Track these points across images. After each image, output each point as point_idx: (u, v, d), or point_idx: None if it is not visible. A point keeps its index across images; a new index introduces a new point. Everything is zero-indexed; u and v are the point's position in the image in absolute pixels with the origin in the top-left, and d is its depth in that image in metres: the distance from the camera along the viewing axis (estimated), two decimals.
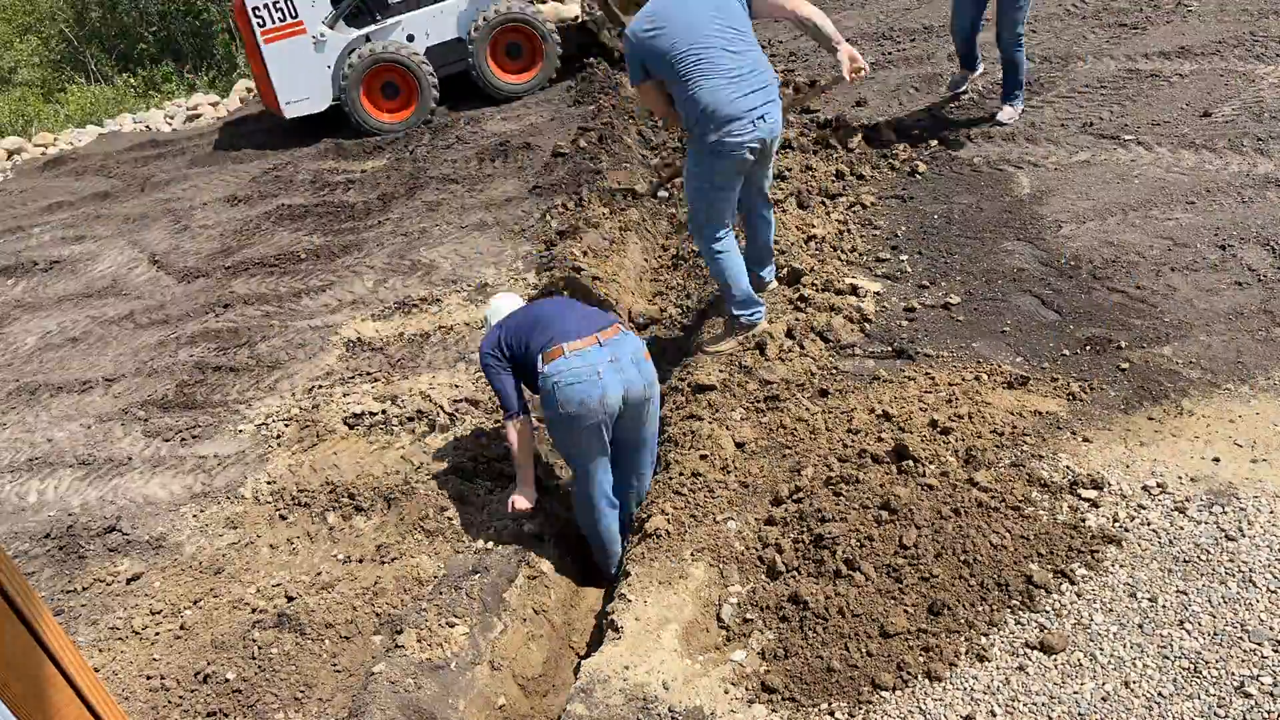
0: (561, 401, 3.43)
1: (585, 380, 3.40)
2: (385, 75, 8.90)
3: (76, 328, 6.50)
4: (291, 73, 8.76)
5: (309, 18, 8.62)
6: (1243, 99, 6.06)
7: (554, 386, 3.43)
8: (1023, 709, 2.65)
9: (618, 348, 3.51)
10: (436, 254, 6.48)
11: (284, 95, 8.81)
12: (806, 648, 2.95)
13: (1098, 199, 5.32)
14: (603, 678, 3.00)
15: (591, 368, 3.41)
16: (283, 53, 8.65)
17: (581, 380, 3.40)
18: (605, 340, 3.49)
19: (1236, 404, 3.60)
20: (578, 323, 3.56)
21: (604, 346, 3.47)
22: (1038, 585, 2.97)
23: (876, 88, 7.62)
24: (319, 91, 8.92)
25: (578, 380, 3.40)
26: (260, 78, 8.89)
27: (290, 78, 8.79)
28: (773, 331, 4.47)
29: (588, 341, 3.46)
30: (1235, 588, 2.85)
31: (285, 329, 5.89)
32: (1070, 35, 7.87)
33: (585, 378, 3.40)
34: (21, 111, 13.19)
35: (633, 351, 3.56)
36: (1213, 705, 2.54)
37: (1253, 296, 4.22)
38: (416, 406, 4.65)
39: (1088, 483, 3.33)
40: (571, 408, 3.42)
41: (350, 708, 3.09)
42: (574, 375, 3.40)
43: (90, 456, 4.91)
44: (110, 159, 10.33)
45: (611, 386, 3.44)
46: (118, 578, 3.97)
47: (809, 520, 3.33)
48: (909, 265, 5.06)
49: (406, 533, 3.89)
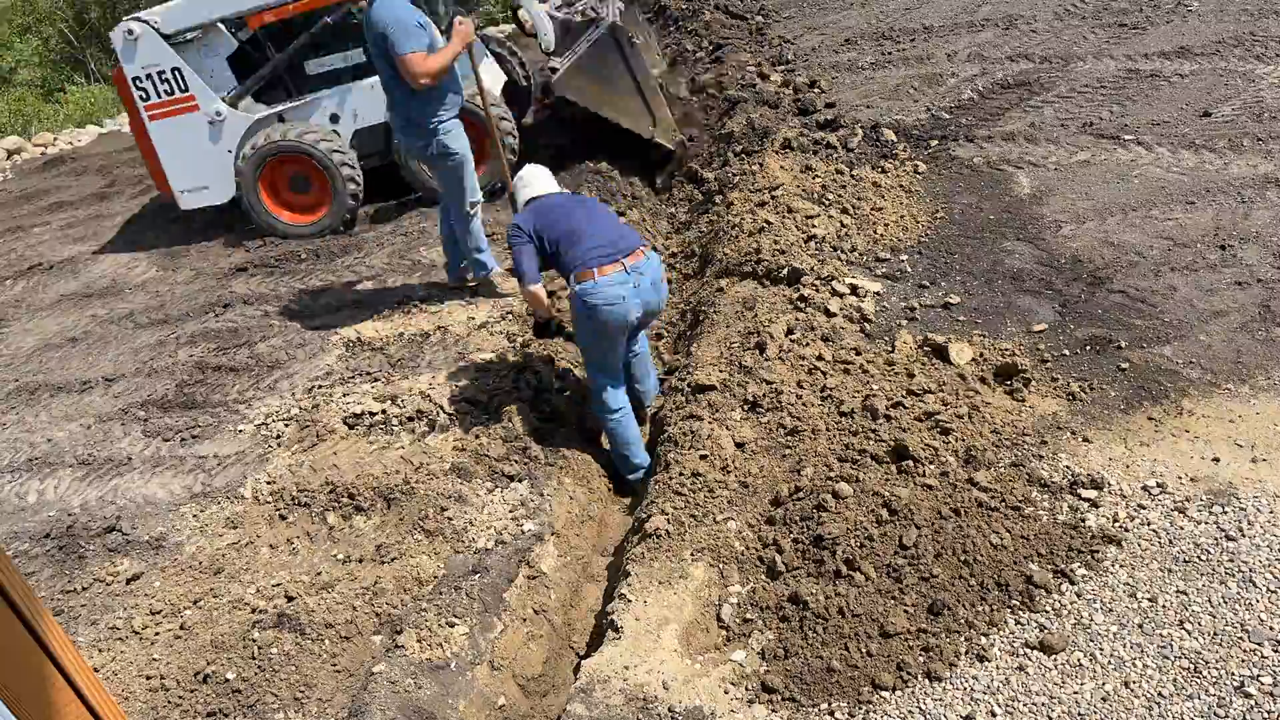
0: (590, 315, 3.95)
1: (613, 302, 3.91)
2: (292, 166, 7.05)
3: (76, 328, 6.50)
4: (183, 157, 7.10)
5: (202, 93, 6.92)
6: (1243, 99, 6.06)
7: (584, 303, 3.94)
8: (1023, 709, 2.65)
9: (641, 272, 3.97)
10: (436, 254, 6.48)
11: (176, 183, 7.18)
12: (806, 648, 2.95)
13: (1098, 199, 5.32)
14: (603, 678, 3.00)
15: (618, 292, 3.91)
16: (171, 133, 6.99)
17: (610, 302, 3.91)
18: (631, 265, 3.95)
19: (1236, 404, 3.60)
20: (607, 240, 3.98)
21: (629, 272, 3.94)
22: (1038, 585, 2.97)
23: (876, 88, 7.62)
24: (220, 180, 7.18)
25: (605, 302, 3.91)
26: (148, 159, 7.26)
27: (182, 162, 7.12)
28: (773, 331, 4.47)
29: (616, 266, 3.92)
30: (1235, 588, 2.85)
31: (285, 329, 5.89)
32: (1070, 35, 7.88)
33: (613, 300, 3.91)
34: (21, 111, 13.19)
35: (653, 274, 4.05)
36: (1213, 705, 2.54)
37: (1253, 296, 4.22)
38: (416, 406, 4.65)
39: (1088, 483, 3.33)
40: (598, 322, 3.96)
41: (350, 708, 3.09)
42: (603, 297, 3.90)
43: (90, 456, 4.91)
44: (110, 159, 10.34)
45: (634, 308, 3.98)
46: (117, 578, 3.96)
47: (809, 520, 3.33)
48: (909, 265, 5.06)
49: (406, 533, 3.89)
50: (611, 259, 3.93)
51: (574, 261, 3.95)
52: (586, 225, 4.04)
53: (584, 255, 3.94)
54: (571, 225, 4.04)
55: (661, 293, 4.14)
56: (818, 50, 8.87)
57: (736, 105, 7.36)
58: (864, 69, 8.12)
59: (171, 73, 6.82)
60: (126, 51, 6.74)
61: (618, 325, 3.98)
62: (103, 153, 10.63)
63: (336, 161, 6.91)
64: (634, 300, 3.96)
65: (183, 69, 6.82)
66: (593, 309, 3.92)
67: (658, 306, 4.18)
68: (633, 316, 3.99)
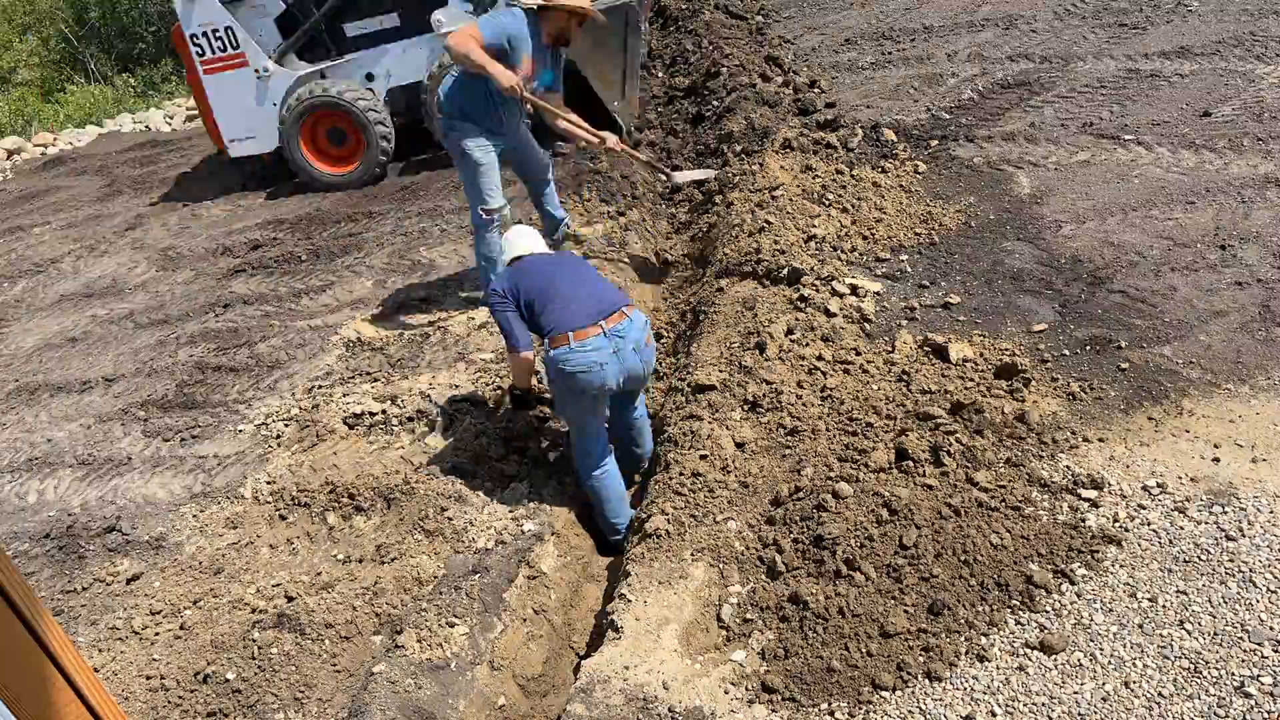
0: (565, 380, 3.71)
1: (588, 369, 3.65)
2: (330, 120, 7.98)
3: (76, 328, 6.50)
4: (235, 108, 7.99)
5: (251, 50, 7.78)
6: (1243, 99, 6.06)
7: (559, 370, 3.69)
8: (1023, 709, 2.65)
9: (622, 336, 3.71)
10: (436, 254, 6.48)
11: (227, 132, 8.11)
12: (806, 648, 2.95)
13: (1098, 199, 5.32)
14: (603, 678, 3.00)
15: (594, 359, 3.64)
16: (224, 86, 7.88)
17: (584, 370, 3.65)
18: (610, 329, 3.68)
19: (1236, 404, 3.60)
20: (586, 301, 3.75)
21: (608, 336, 3.67)
22: (1038, 585, 2.96)
23: (876, 88, 7.62)
24: (265, 131, 8.09)
25: (580, 369, 3.65)
26: (203, 110, 8.18)
27: (233, 113, 8.01)
28: (773, 332, 4.47)
29: (593, 331, 3.66)
30: (1235, 588, 2.85)
31: (285, 329, 5.89)
32: (1070, 35, 7.88)
33: (588, 367, 3.65)
34: (21, 111, 13.19)
35: (636, 338, 3.76)
36: (1213, 705, 2.54)
37: (1253, 296, 4.22)
38: (416, 406, 4.65)
39: (1088, 483, 3.33)
40: (575, 390, 3.72)
41: (350, 708, 3.09)
42: (577, 365, 3.65)
43: (90, 456, 4.91)
44: (110, 159, 10.34)
45: (612, 375, 3.70)
46: (117, 578, 3.97)
47: (809, 520, 3.33)
48: (909, 265, 5.06)
49: (406, 533, 3.89)
50: (590, 321, 3.66)
51: (549, 324, 3.71)
52: (565, 285, 3.80)
53: (559, 318, 3.69)
54: (549, 284, 3.80)
55: (646, 356, 3.84)
56: (818, 50, 8.87)
57: (736, 105, 7.37)
58: (864, 69, 8.12)
59: (224, 31, 7.67)
60: (185, 11, 7.61)
61: (595, 392, 3.71)
62: (103, 153, 10.63)
63: (371, 119, 7.76)
64: (613, 367, 3.67)
65: (235, 28, 7.66)
66: (569, 376, 3.66)
67: (642, 372, 3.86)
68: (611, 383, 3.71)
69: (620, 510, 4.05)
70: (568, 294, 3.76)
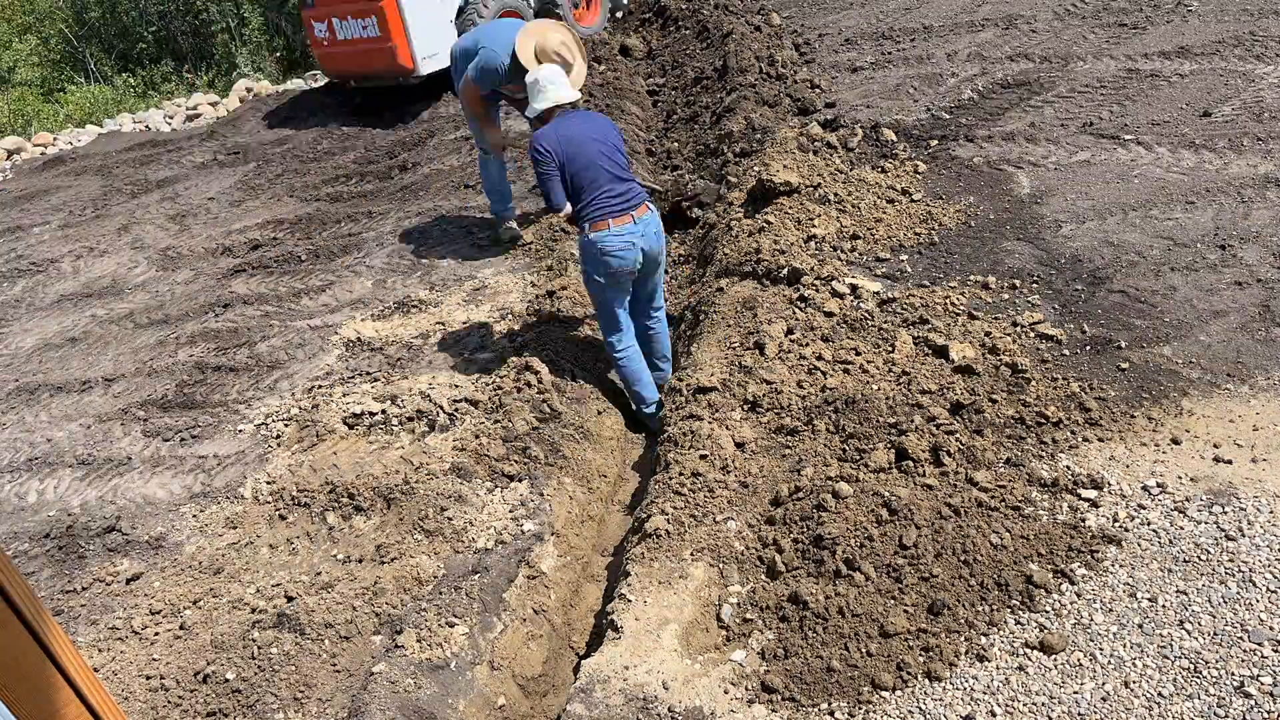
0: (601, 262, 4.40)
1: (622, 251, 4.38)
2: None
3: (76, 328, 6.50)
4: (423, 28, 8.96)
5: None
6: (1243, 99, 6.07)
7: (596, 250, 4.38)
8: (1023, 709, 2.65)
9: (646, 225, 4.45)
10: (436, 254, 6.48)
11: (420, 50, 8.97)
12: (806, 648, 2.95)
13: (1098, 199, 5.32)
14: (603, 678, 3.00)
15: (627, 241, 4.38)
16: (417, 6, 8.89)
17: (619, 251, 4.38)
18: (638, 218, 4.41)
19: (1236, 404, 3.60)
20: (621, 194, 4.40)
21: (637, 224, 4.40)
22: (1038, 585, 2.96)
23: (876, 88, 7.62)
24: (444, 46, 8.84)
25: (615, 250, 4.37)
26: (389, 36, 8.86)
27: (424, 33, 8.97)
28: (773, 332, 4.47)
29: (626, 219, 4.38)
30: (1235, 588, 2.85)
31: (285, 329, 5.89)
32: (1070, 35, 7.88)
33: (622, 248, 4.38)
34: (21, 111, 13.18)
35: (656, 227, 4.53)
36: (1213, 705, 2.54)
37: (1253, 296, 4.22)
38: (416, 406, 4.65)
39: (1088, 483, 3.33)
40: (609, 267, 4.42)
41: (350, 708, 3.09)
42: (613, 246, 4.36)
43: (90, 456, 4.91)
44: (110, 159, 10.34)
45: (638, 255, 4.45)
46: (117, 578, 3.96)
47: (809, 520, 3.33)
48: (909, 265, 5.06)
49: (406, 533, 3.89)
50: (624, 211, 4.37)
51: (591, 210, 4.36)
52: (605, 166, 4.39)
53: (600, 206, 4.35)
54: (591, 162, 4.37)
55: (662, 242, 4.60)
56: (818, 50, 8.86)
57: (736, 105, 7.37)
58: (864, 69, 8.12)
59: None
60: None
61: (626, 271, 4.45)
62: (102, 153, 10.62)
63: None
64: (638, 250, 4.42)
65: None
66: (606, 256, 4.36)
67: (659, 254, 4.61)
68: (637, 262, 4.46)
69: (649, 387, 4.78)
70: (607, 185, 4.37)
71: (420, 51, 9.03)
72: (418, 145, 8.83)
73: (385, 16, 8.84)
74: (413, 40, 8.92)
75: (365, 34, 9.11)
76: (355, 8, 9.04)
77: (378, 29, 8.99)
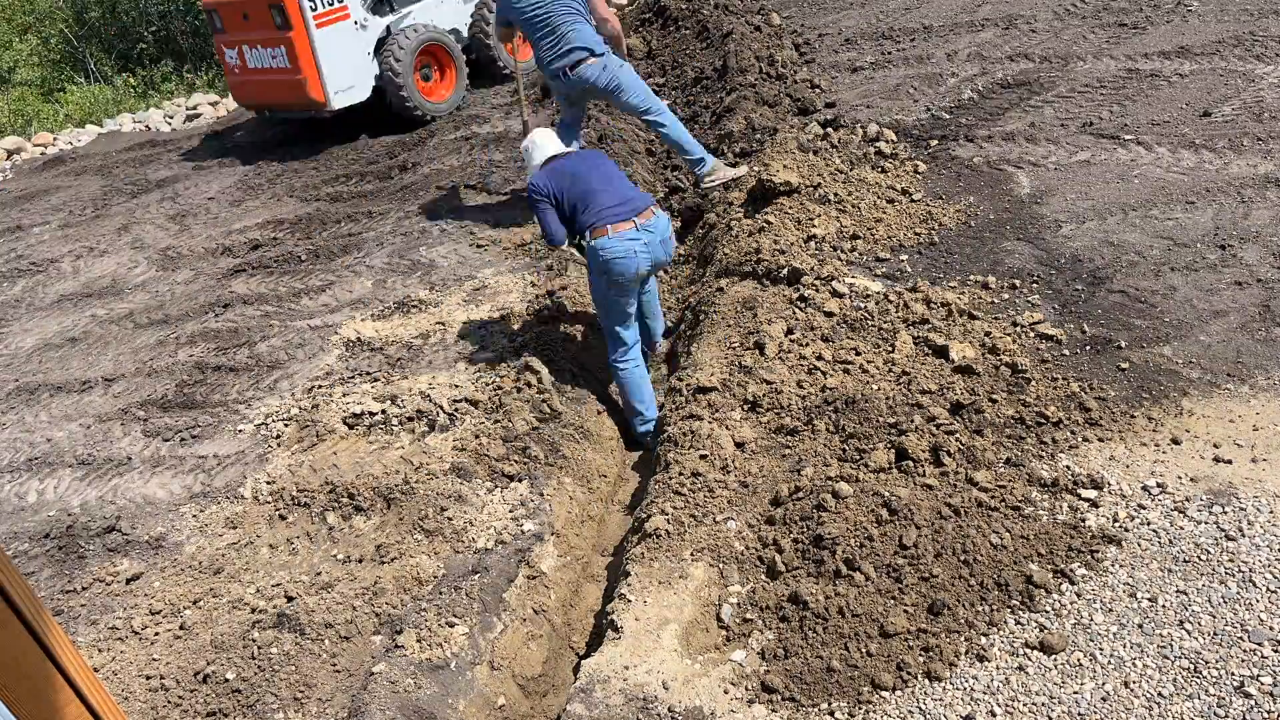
0: (605, 269, 4.39)
1: (625, 257, 4.35)
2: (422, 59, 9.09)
3: (76, 328, 6.50)
4: (337, 61, 8.49)
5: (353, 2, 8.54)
6: (1243, 99, 6.07)
7: (600, 259, 4.37)
8: (1023, 709, 2.65)
9: (651, 230, 4.41)
10: (436, 254, 6.48)
11: (331, 85, 8.53)
12: (806, 648, 2.95)
13: (1098, 199, 5.32)
14: (603, 678, 3.00)
15: (630, 248, 4.34)
16: (330, 39, 8.40)
17: (621, 256, 4.34)
18: (642, 224, 4.38)
19: (1236, 404, 3.60)
20: (622, 201, 4.42)
21: (640, 230, 4.37)
22: (1038, 585, 2.97)
23: (876, 88, 7.62)
24: (361, 79, 8.77)
25: (618, 257, 4.34)
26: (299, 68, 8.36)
27: (336, 66, 8.50)
28: (773, 331, 4.47)
29: (628, 225, 4.35)
30: (1235, 588, 2.85)
31: (285, 329, 5.89)
32: (1070, 35, 7.88)
33: (625, 255, 4.34)
34: (21, 111, 13.17)
35: (662, 233, 4.48)
36: (1213, 705, 2.54)
37: (1253, 296, 4.22)
38: (416, 406, 4.65)
39: (1088, 483, 3.33)
40: (612, 276, 4.40)
41: (350, 708, 3.09)
42: (615, 252, 4.33)
43: (90, 456, 4.91)
44: (110, 159, 10.34)
45: (644, 263, 4.41)
46: (117, 578, 3.96)
47: (809, 520, 3.33)
48: (909, 265, 5.06)
49: (406, 533, 3.89)
50: (624, 218, 4.34)
51: (590, 219, 4.37)
52: (601, 186, 4.45)
53: (599, 214, 4.36)
54: (587, 187, 4.44)
55: (669, 249, 4.58)
56: (818, 50, 8.86)
57: (736, 105, 7.37)
58: (864, 69, 8.12)
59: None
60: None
61: (630, 277, 4.40)
62: (102, 153, 10.62)
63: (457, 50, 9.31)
64: (644, 255, 4.39)
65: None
66: (607, 262, 4.33)
67: (666, 260, 4.63)
68: (643, 270, 4.43)
69: (648, 406, 4.69)
70: (605, 192, 4.41)
71: (333, 85, 8.47)
72: (418, 145, 8.83)
73: (295, 47, 8.27)
74: (324, 73, 8.38)
75: (275, 64, 8.52)
76: (264, 36, 8.45)
77: (287, 60, 8.39)
